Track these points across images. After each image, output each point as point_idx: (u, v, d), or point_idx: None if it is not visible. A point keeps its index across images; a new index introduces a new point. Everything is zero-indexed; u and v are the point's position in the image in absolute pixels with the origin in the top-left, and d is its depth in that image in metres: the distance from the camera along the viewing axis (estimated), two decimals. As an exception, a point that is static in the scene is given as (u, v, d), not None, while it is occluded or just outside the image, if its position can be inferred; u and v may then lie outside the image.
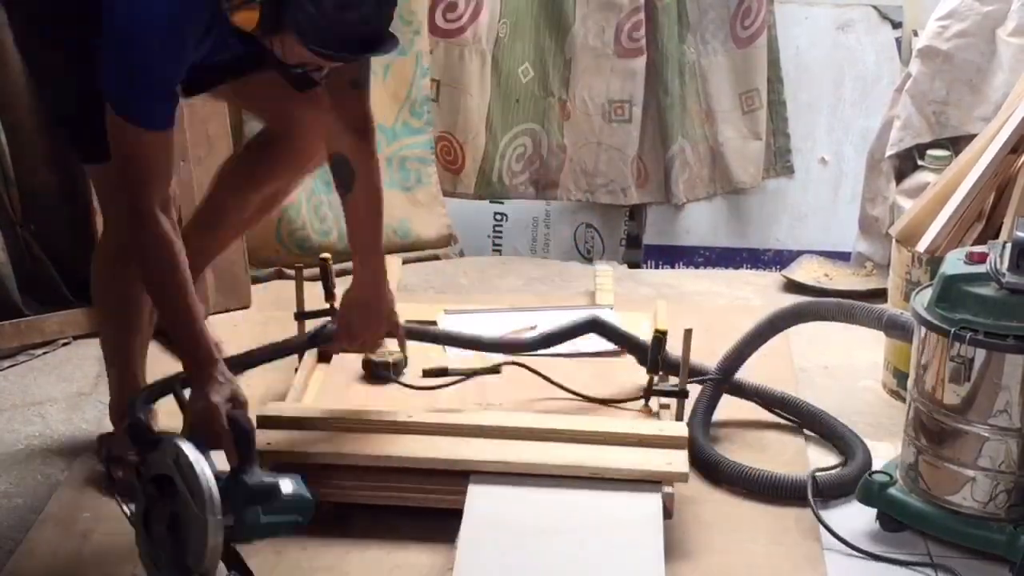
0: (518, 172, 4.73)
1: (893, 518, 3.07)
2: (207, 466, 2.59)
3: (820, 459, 3.34)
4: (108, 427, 3.31)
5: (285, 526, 2.70)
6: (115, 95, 2.72)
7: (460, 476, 3.01)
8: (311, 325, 3.46)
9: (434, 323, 3.68)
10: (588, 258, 4.84)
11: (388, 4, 2.66)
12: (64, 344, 3.87)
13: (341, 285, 3.27)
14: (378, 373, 3.41)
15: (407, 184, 4.53)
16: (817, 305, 3.48)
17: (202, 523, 2.56)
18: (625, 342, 3.46)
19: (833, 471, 3.23)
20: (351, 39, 2.62)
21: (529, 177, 4.74)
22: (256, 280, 4.18)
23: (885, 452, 3.35)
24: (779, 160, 4.86)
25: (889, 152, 4.30)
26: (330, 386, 3.41)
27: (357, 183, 3.06)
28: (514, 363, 3.47)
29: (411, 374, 3.45)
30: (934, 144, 4.21)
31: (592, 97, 4.68)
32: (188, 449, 2.61)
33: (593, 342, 3.57)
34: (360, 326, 3.16)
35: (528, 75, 4.66)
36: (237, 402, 2.77)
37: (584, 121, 4.69)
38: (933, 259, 3.52)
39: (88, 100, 2.79)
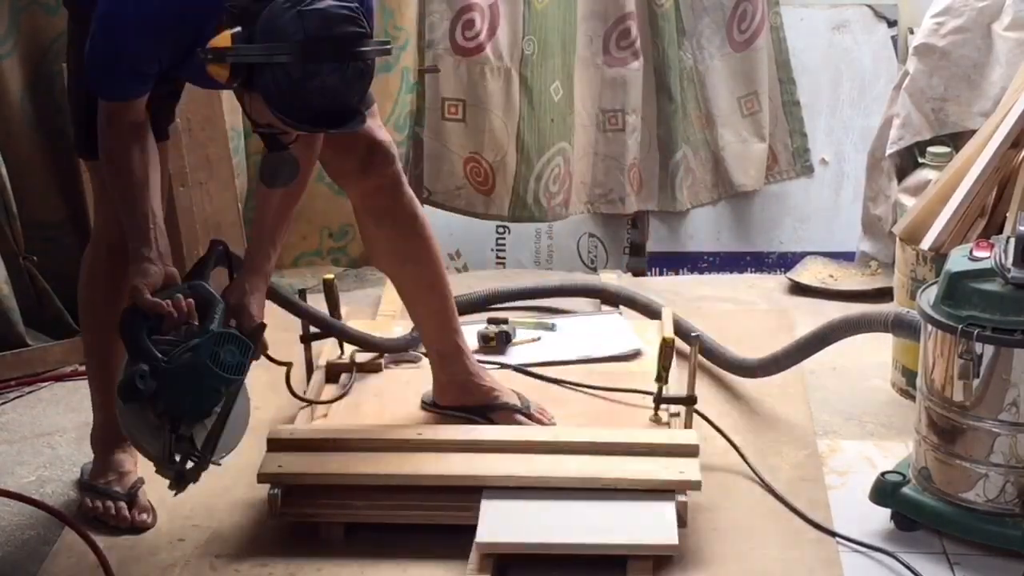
0: (555, 194, 4.69)
1: (908, 517, 3.06)
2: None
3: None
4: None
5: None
6: (92, 77, 2.78)
7: (472, 492, 3.01)
8: (315, 346, 3.47)
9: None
10: (592, 268, 4.84)
11: (359, 81, 2.61)
12: (72, 373, 3.87)
13: (346, 305, 3.28)
14: None
15: None
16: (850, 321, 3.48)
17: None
18: (629, 302, 3.71)
19: None
20: (316, 112, 2.60)
21: (563, 198, 4.71)
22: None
23: (897, 451, 3.35)
24: (798, 161, 4.85)
25: (889, 151, 4.29)
26: (339, 406, 3.40)
27: (298, 182, 2.96)
28: (514, 368, 3.50)
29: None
30: (934, 141, 4.21)
31: (585, 108, 4.67)
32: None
33: (603, 347, 3.60)
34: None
35: (559, 93, 4.64)
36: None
37: (582, 133, 4.69)
38: (937, 256, 3.51)
39: (84, 95, 2.86)
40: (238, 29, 2.58)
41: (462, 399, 3.31)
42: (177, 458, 2.77)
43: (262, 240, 3.01)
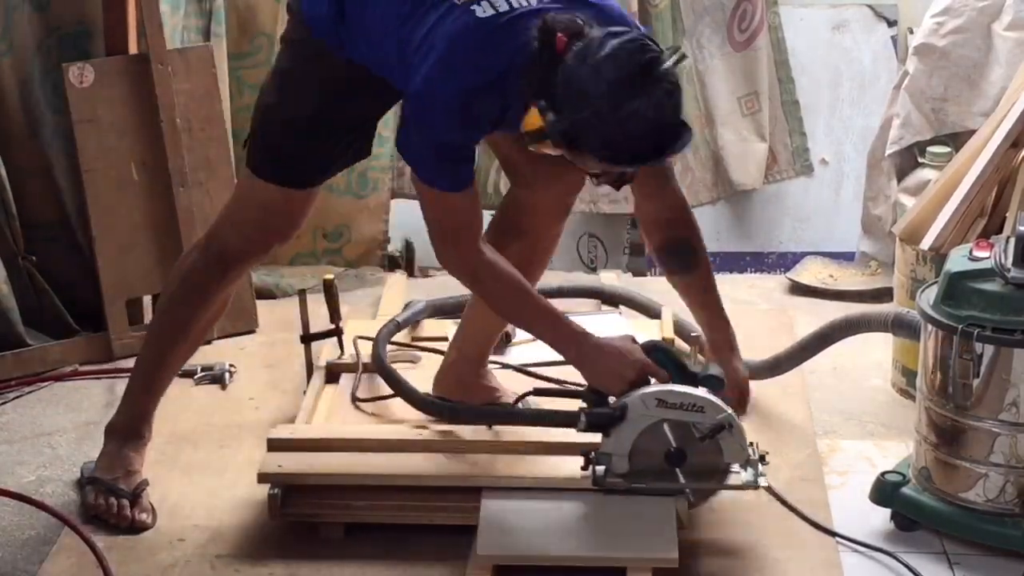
0: None
1: (908, 517, 3.06)
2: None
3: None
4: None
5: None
6: (413, 160, 2.84)
7: (472, 492, 3.01)
8: (315, 347, 3.47)
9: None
10: (592, 268, 4.83)
11: (671, 97, 2.63)
12: (72, 373, 3.87)
13: (346, 304, 3.27)
14: None
15: (362, 192, 4.51)
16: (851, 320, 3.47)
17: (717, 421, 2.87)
18: (629, 303, 3.83)
19: None
20: (644, 147, 2.64)
21: None
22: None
23: (897, 451, 3.35)
24: (798, 160, 4.84)
25: (889, 150, 4.29)
26: (339, 407, 3.40)
27: (698, 263, 3.09)
28: (515, 368, 3.51)
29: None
30: (934, 141, 4.21)
31: None
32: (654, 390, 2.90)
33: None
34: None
35: None
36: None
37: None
38: (937, 256, 3.51)
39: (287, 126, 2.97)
40: (542, 103, 2.62)
41: (463, 399, 3.30)
42: None
43: (714, 317, 3.12)
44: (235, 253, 3.11)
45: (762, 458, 2.94)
